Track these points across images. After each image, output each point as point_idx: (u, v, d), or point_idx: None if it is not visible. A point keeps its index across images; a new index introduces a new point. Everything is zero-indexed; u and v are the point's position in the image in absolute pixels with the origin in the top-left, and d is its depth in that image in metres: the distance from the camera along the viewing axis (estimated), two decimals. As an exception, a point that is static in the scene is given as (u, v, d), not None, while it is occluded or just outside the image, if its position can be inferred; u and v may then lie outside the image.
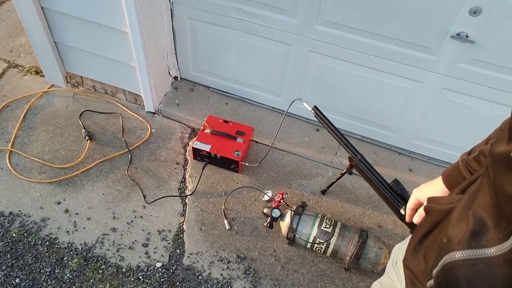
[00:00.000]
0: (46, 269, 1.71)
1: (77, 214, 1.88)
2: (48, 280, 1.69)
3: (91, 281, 1.69)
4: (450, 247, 0.57)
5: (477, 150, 0.80)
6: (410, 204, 0.93)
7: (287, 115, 2.29)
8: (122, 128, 2.22)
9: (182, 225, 1.88)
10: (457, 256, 0.55)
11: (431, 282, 0.63)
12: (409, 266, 0.77)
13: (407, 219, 0.96)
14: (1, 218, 1.84)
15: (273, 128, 2.26)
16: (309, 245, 1.76)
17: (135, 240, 1.82)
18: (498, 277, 0.48)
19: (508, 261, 0.47)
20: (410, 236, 1.00)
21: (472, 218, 0.56)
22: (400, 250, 0.99)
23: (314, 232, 1.73)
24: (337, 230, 1.72)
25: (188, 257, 1.78)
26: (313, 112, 1.68)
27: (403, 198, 1.40)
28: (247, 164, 2.06)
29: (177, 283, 1.71)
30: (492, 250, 0.50)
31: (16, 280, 1.68)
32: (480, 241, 0.52)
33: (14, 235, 1.80)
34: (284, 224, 1.79)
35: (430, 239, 0.72)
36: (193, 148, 2.01)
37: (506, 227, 0.47)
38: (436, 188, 0.88)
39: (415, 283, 0.74)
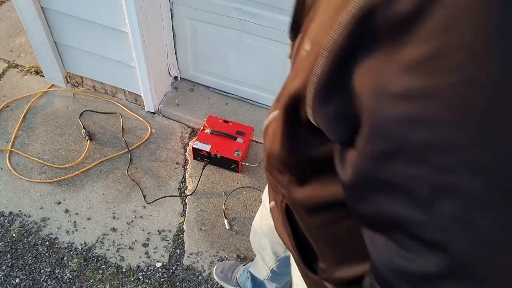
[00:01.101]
0: (46, 269, 1.71)
1: (77, 214, 1.88)
2: (48, 280, 1.69)
3: (91, 281, 1.69)
4: None
5: None
6: None
7: (287, 115, 2.28)
8: (122, 128, 2.22)
9: (182, 225, 1.88)
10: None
11: None
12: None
13: None
14: (1, 218, 1.84)
15: (273, 128, 2.26)
16: (309, 245, 1.76)
17: (135, 240, 1.82)
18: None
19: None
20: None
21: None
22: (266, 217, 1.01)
23: (314, 232, 1.72)
24: (337, 230, 1.72)
25: (188, 257, 1.78)
26: (313, 112, 1.68)
27: None
28: (247, 164, 2.06)
29: (177, 283, 1.71)
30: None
31: (16, 280, 1.68)
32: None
33: (14, 235, 1.80)
34: (284, 224, 1.79)
35: None
36: (193, 148, 2.01)
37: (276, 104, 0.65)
38: None
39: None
